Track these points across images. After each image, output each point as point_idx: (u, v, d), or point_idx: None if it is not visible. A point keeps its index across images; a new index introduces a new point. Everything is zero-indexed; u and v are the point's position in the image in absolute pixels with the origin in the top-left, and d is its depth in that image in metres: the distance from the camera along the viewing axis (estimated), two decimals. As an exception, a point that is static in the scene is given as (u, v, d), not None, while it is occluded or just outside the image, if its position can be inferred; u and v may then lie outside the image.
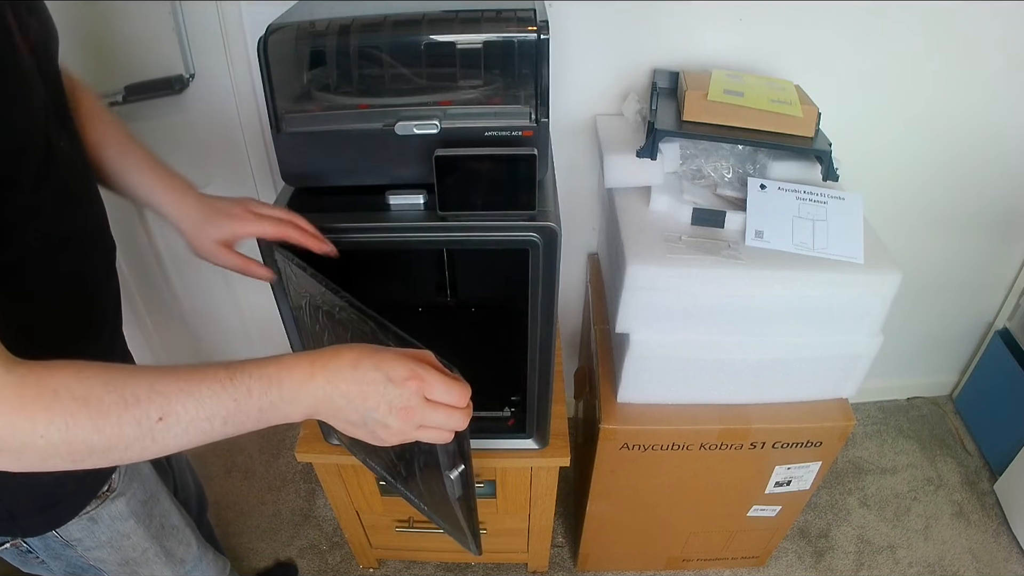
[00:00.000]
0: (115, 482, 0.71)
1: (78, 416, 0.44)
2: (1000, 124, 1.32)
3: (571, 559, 1.54)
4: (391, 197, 0.82)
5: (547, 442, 1.09)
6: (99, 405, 0.44)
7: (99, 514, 0.71)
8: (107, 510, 0.71)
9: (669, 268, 0.95)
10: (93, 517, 0.70)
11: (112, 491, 0.71)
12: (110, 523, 0.72)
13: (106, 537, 0.73)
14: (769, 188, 1.00)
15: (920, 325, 1.71)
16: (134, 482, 0.74)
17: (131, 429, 0.45)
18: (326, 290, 0.68)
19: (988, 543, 1.57)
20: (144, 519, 0.75)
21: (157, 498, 0.78)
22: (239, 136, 1.28)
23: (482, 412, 1.10)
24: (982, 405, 1.80)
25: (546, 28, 0.74)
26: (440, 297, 1.29)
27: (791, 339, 1.02)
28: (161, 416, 0.46)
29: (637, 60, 1.20)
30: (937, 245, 1.55)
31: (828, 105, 1.04)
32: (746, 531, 1.36)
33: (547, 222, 0.79)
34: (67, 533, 0.70)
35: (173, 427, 0.46)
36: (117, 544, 0.74)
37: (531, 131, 0.78)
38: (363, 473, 1.15)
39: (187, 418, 0.46)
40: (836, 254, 0.96)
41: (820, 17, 1.15)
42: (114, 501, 0.71)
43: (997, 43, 1.20)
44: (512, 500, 1.21)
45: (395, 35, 0.78)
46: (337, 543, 1.57)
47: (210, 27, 1.15)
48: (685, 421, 1.09)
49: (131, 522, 0.74)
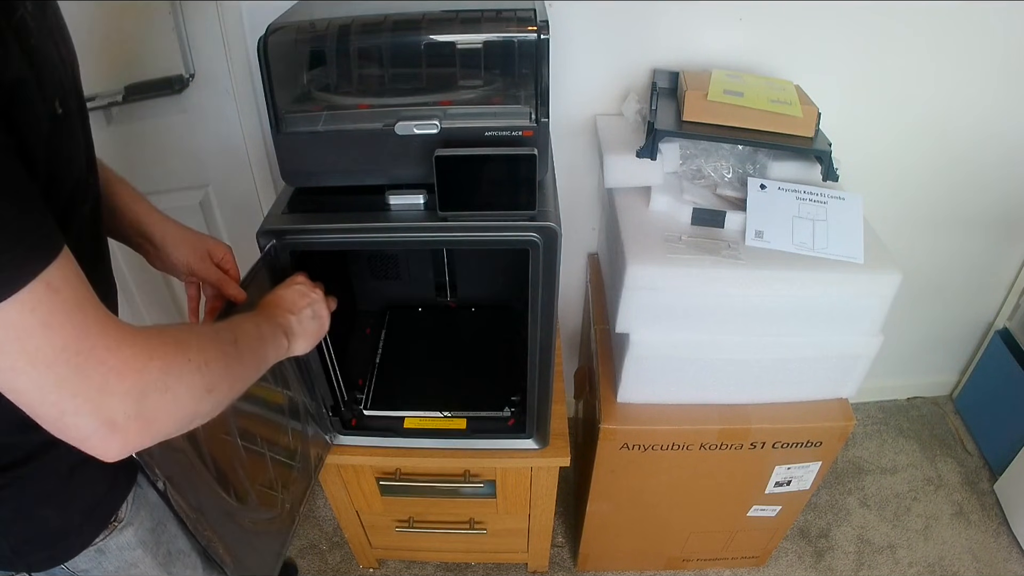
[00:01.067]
0: (123, 512, 0.70)
1: (201, 342, 0.53)
2: (1000, 124, 1.32)
3: (571, 559, 1.54)
4: (391, 197, 0.82)
5: (547, 442, 1.09)
6: (204, 332, 0.55)
7: (107, 545, 0.70)
8: (115, 541, 0.70)
9: (669, 268, 0.95)
10: (101, 548, 0.70)
11: (120, 521, 0.70)
12: (118, 553, 0.72)
13: (113, 567, 0.72)
14: (769, 188, 1.00)
15: (920, 325, 1.71)
16: (142, 511, 0.73)
17: (230, 348, 0.57)
18: None
19: (988, 543, 1.57)
20: (152, 547, 0.75)
21: (164, 524, 0.77)
22: (239, 136, 1.28)
23: (482, 412, 1.11)
24: (982, 405, 1.80)
25: (546, 28, 0.74)
26: (440, 297, 1.30)
27: (791, 339, 1.02)
28: (235, 338, 0.58)
29: (637, 60, 1.20)
30: (937, 245, 1.55)
31: (828, 105, 1.04)
32: (746, 531, 1.36)
33: (547, 222, 0.79)
34: (74, 565, 0.69)
35: (243, 347, 0.59)
36: (124, 574, 0.73)
37: (531, 131, 0.78)
38: (363, 473, 1.16)
39: (247, 338, 0.61)
40: (836, 254, 0.96)
41: (820, 17, 1.15)
42: (122, 532, 0.71)
43: (997, 43, 1.20)
44: (512, 500, 1.21)
45: (395, 35, 0.78)
46: (337, 543, 1.57)
47: (210, 27, 1.15)
48: (685, 421, 1.09)
49: (139, 551, 0.73)
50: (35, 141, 0.46)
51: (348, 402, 1.11)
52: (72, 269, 0.44)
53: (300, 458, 0.99)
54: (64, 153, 0.52)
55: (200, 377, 0.51)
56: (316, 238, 0.81)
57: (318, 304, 0.78)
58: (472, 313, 1.31)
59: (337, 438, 1.09)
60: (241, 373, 0.58)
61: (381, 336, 1.25)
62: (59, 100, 0.50)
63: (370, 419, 1.11)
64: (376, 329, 1.26)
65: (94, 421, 0.44)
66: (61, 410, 0.43)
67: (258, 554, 0.88)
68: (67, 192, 0.55)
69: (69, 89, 0.54)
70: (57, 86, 0.50)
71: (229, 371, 0.55)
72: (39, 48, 0.47)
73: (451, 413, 1.10)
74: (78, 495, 0.65)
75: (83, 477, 0.64)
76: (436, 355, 1.22)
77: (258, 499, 0.87)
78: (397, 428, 1.10)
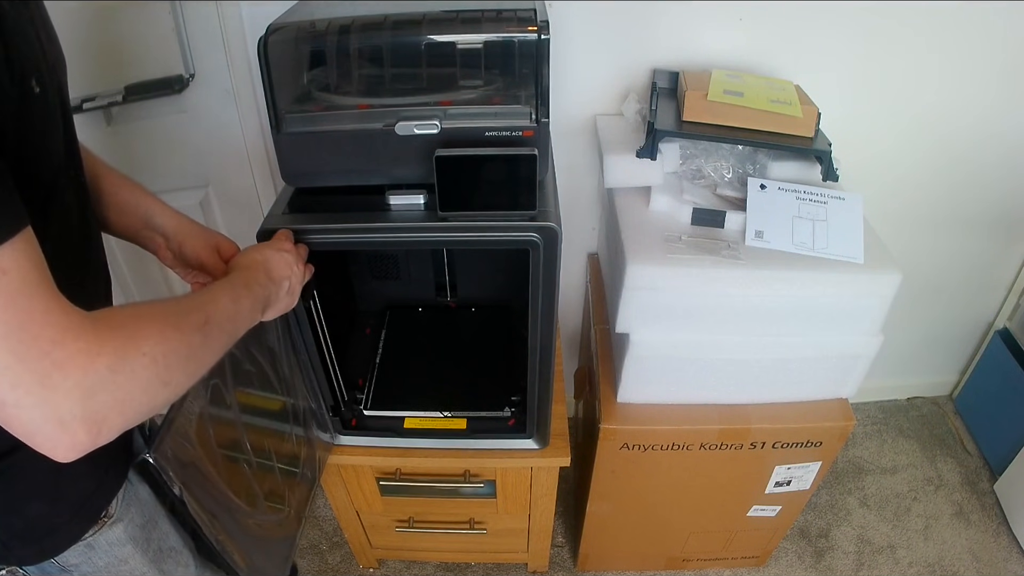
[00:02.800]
0: (113, 508, 0.70)
1: (163, 330, 0.49)
2: (1000, 124, 1.32)
3: (571, 559, 1.54)
4: (391, 197, 0.82)
5: (547, 442, 1.09)
6: (168, 317, 0.52)
7: (96, 541, 0.70)
8: (104, 536, 0.71)
9: (669, 268, 0.95)
10: (90, 544, 0.70)
11: (109, 517, 0.70)
12: (107, 549, 0.72)
13: (103, 563, 0.72)
14: (769, 188, 1.00)
15: (920, 325, 1.71)
16: (132, 507, 0.73)
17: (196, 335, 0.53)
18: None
19: (988, 543, 1.57)
20: (142, 543, 0.75)
21: (155, 521, 0.77)
22: (239, 136, 1.28)
23: (482, 412, 1.11)
24: (982, 405, 1.80)
25: (546, 28, 0.74)
26: (440, 297, 1.30)
27: (791, 339, 1.02)
28: (207, 319, 0.55)
29: (637, 60, 1.20)
30: (937, 245, 1.55)
31: (828, 105, 1.04)
32: (746, 531, 1.36)
33: (547, 222, 0.79)
34: (64, 559, 0.69)
35: (213, 328, 0.56)
36: (114, 570, 0.73)
37: (531, 131, 0.78)
38: (363, 473, 1.16)
39: (221, 317, 0.58)
40: (836, 254, 0.96)
41: (820, 17, 1.15)
42: (112, 527, 0.71)
43: (998, 43, 1.20)
44: (512, 500, 1.21)
45: (395, 35, 0.78)
46: (337, 543, 1.57)
47: (210, 27, 1.15)
48: (685, 421, 1.09)
49: (129, 547, 0.73)
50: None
51: (348, 402, 1.11)
52: (28, 253, 0.42)
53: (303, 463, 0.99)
54: (39, 133, 0.51)
55: (155, 371, 0.48)
56: (316, 238, 0.81)
57: (296, 280, 0.75)
58: (472, 313, 1.31)
59: (337, 438, 1.09)
60: (204, 359, 0.55)
61: (381, 336, 1.25)
62: (35, 79, 0.49)
63: (370, 419, 1.11)
64: (376, 329, 1.26)
65: (39, 416, 0.43)
66: (2, 399, 0.42)
67: (269, 557, 0.88)
68: (46, 177, 0.54)
69: (47, 73, 0.52)
70: (32, 66, 0.49)
71: (191, 359, 0.52)
72: (12, 28, 0.46)
73: (451, 413, 1.10)
74: (66, 490, 0.65)
75: (72, 472, 0.63)
76: (436, 355, 1.22)
77: (266, 503, 0.87)
78: (397, 428, 1.10)
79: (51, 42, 0.57)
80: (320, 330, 0.94)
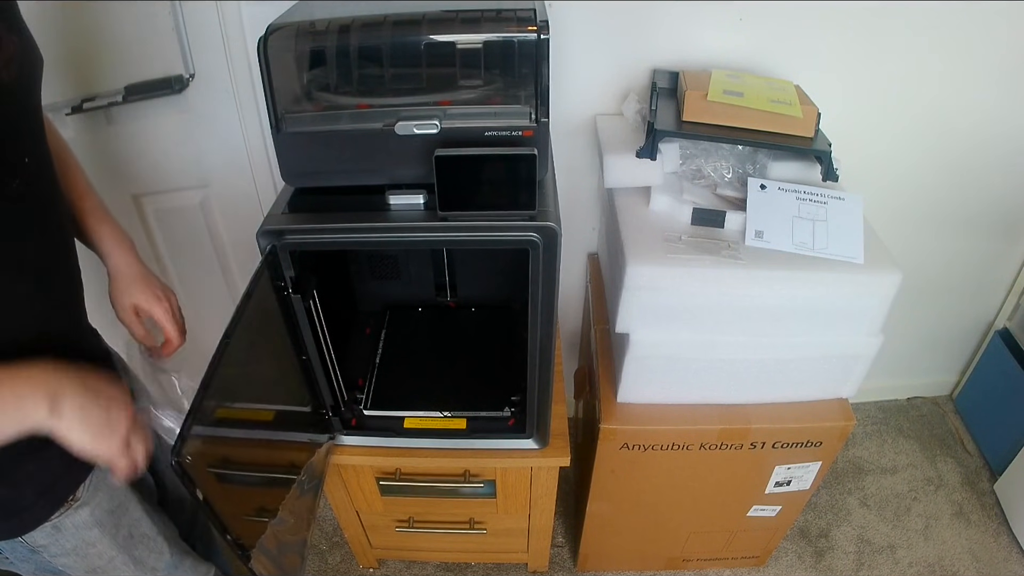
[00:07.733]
0: (80, 492, 0.71)
1: None
2: (1000, 124, 1.32)
3: (571, 559, 1.54)
4: (391, 197, 0.82)
5: (547, 442, 1.09)
6: None
7: (63, 523, 0.71)
8: (70, 519, 0.72)
9: (669, 268, 0.95)
10: (57, 526, 0.71)
11: (76, 500, 0.71)
12: (74, 532, 0.73)
13: (71, 545, 0.73)
14: (769, 188, 1.00)
15: (920, 325, 1.71)
16: (99, 492, 0.74)
17: None
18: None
19: (988, 543, 1.57)
20: (110, 528, 0.76)
21: (126, 507, 0.78)
22: (239, 136, 1.28)
23: (482, 412, 1.11)
24: (982, 405, 1.80)
25: (546, 28, 0.74)
26: (440, 297, 1.30)
27: (791, 339, 1.02)
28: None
29: (637, 60, 1.20)
30: (937, 245, 1.55)
31: (828, 105, 1.04)
32: (746, 531, 1.36)
33: (547, 222, 0.79)
34: (32, 539, 0.71)
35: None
36: (82, 552, 0.75)
37: (531, 131, 0.78)
38: (363, 473, 1.16)
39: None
40: (836, 254, 0.96)
41: (820, 17, 1.15)
42: (78, 511, 0.72)
43: (998, 43, 1.20)
44: (512, 500, 1.21)
45: (395, 35, 0.78)
46: (337, 543, 1.57)
47: (210, 27, 1.15)
48: (685, 421, 1.09)
49: (96, 531, 0.74)
50: None
51: (348, 402, 1.11)
52: None
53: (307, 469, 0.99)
54: None
55: None
56: (316, 238, 0.81)
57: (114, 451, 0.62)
58: (472, 313, 1.31)
59: (337, 438, 1.09)
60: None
61: (381, 336, 1.25)
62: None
63: (370, 419, 1.11)
64: (376, 329, 1.26)
65: None
66: None
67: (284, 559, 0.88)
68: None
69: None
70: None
71: None
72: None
73: (451, 413, 1.10)
74: (32, 474, 0.67)
75: (38, 457, 0.66)
76: (436, 355, 1.22)
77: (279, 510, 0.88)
78: (397, 428, 1.10)
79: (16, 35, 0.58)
80: (320, 330, 0.94)
